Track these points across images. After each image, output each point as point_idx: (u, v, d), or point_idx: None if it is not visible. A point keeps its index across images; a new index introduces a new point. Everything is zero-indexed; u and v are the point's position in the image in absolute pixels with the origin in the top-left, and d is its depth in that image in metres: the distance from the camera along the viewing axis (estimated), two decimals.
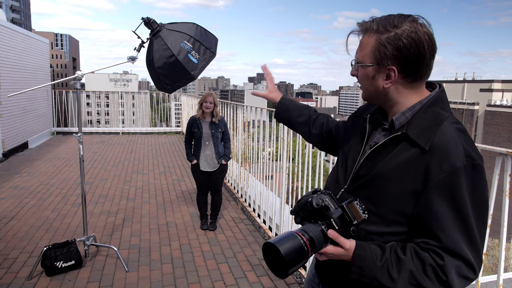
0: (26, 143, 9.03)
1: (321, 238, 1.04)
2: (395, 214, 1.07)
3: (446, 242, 0.99)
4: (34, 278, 3.16)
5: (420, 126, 1.06)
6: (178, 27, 2.73)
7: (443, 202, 0.99)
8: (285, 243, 0.99)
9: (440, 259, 0.99)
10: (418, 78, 1.09)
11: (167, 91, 2.83)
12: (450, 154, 0.99)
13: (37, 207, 4.95)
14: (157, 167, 7.45)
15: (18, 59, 8.67)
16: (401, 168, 1.05)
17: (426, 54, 1.04)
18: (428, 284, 1.00)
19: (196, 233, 4.27)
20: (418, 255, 1.01)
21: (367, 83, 1.13)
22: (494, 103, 48.11)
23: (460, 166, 0.98)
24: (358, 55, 1.13)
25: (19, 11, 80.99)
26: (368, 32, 1.09)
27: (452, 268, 0.98)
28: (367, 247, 1.06)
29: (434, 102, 1.09)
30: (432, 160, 1.01)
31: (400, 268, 1.02)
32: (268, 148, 4.64)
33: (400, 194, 1.05)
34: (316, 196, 1.10)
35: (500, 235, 1.73)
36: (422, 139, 1.04)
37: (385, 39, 1.05)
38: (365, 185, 1.13)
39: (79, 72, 3.11)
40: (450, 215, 0.99)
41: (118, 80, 76.19)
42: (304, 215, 1.12)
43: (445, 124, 1.05)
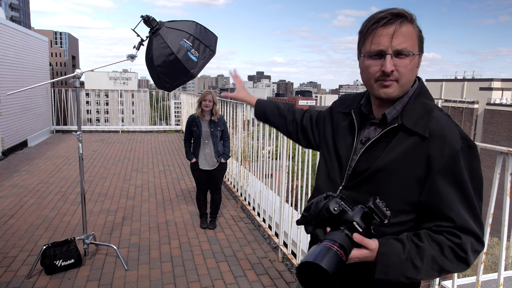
0: (26, 142, 9.01)
1: (349, 243, 0.99)
2: (401, 204, 1.09)
3: (459, 221, 1.03)
4: (33, 277, 3.16)
5: (414, 116, 1.10)
6: (178, 25, 2.72)
7: (449, 185, 1.04)
8: (324, 258, 0.92)
9: (457, 238, 1.03)
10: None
11: (166, 90, 2.82)
12: (448, 138, 1.05)
13: (36, 205, 4.95)
14: (156, 166, 7.45)
15: (17, 57, 8.65)
16: (402, 158, 1.08)
17: None
18: (448, 265, 1.04)
19: (196, 231, 4.27)
20: (434, 239, 1.04)
21: (412, 74, 1.12)
22: (494, 102, 48.14)
23: (459, 149, 1.04)
24: (407, 45, 1.07)
25: (18, 9, 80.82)
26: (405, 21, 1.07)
27: (468, 244, 1.03)
28: (388, 243, 1.05)
29: (419, 93, 1.15)
30: (432, 146, 1.05)
31: (423, 256, 1.03)
32: (268, 146, 4.64)
33: (404, 183, 1.08)
34: (330, 201, 1.03)
35: (500, 234, 1.73)
36: (419, 128, 1.07)
37: (418, 28, 1.10)
38: (366, 181, 1.13)
39: (79, 70, 3.10)
40: (456, 196, 1.04)
41: (117, 78, 76.10)
42: (318, 223, 1.05)
43: (435, 111, 1.10)
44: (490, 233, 1.82)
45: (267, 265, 3.51)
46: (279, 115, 1.60)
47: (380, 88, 1.11)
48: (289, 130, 1.58)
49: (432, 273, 1.05)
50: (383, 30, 1.07)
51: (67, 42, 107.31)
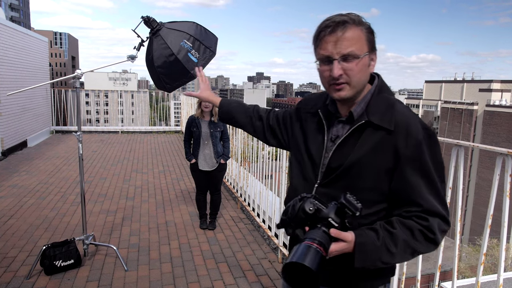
0: (25, 142, 9.01)
1: (327, 239, 1.07)
2: (375, 195, 1.19)
3: (426, 205, 1.13)
4: (33, 277, 3.16)
5: (378, 112, 1.18)
6: (178, 26, 2.72)
7: (416, 173, 1.14)
8: (307, 256, 0.99)
9: (425, 221, 1.13)
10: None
11: (166, 90, 2.82)
12: (412, 130, 1.14)
13: (36, 205, 4.94)
14: (156, 166, 7.45)
15: (17, 57, 8.65)
16: (372, 152, 1.16)
17: None
18: (419, 247, 1.14)
19: (195, 232, 4.26)
20: (404, 224, 1.14)
21: (364, 74, 1.18)
22: (493, 103, 48.17)
23: (421, 138, 1.13)
24: (353, 49, 1.13)
25: (18, 9, 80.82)
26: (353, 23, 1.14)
27: (435, 225, 1.13)
28: (363, 233, 1.14)
29: (380, 90, 1.23)
30: (398, 138, 1.14)
31: (396, 241, 1.12)
32: (268, 147, 4.64)
33: (376, 175, 1.16)
34: (305, 202, 1.10)
35: (500, 235, 1.73)
36: (385, 122, 1.16)
37: (366, 28, 1.16)
38: (340, 177, 1.21)
39: (79, 71, 3.10)
40: (422, 182, 1.14)
41: (117, 79, 76.11)
42: (297, 224, 1.12)
43: (397, 105, 1.19)
44: (489, 234, 1.83)
45: (267, 266, 3.51)
46: (245, 115, 1.61)
47: (334, 91, 1.19)
48: (255, 130, 1.60)
49: (406, 256, 1.15)
50: (329, 37, 1.14)
51: (67, 43, 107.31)
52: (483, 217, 33.84)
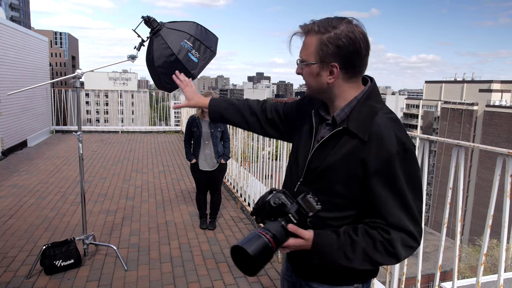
0: (25, 142, 9.01)
1: (283, 233, 1.14)
2: (346, 200, 1.21)
3: (390, 219, 1.14)
4: (33, 277, 3.16)
5: (358, 119, 1.18)
6: (179, 26, 2.72)
7: (383, 186, 1.14)
8: (252, 244, 1.07)
9: (387, 234, 1.13)
10: (356, 73, 1.21)
11: (167, 90, 2.81)
12: (385, 142, 1.13)
13: (36, 205, 4.94)
14: (156, 166, 7.45)
15: (18, 57, 8.65)
16: (345, 158, 1.18)
17: (362, 51, 1.17)
18: (379, 257, 1.15)
19: (196, 232, 4.26)
20: (368, 234, 1.15)
21: (312, 80, 1.24)
22: (493, 104, 48.17)
23: (394, 152, 1.12)
24: (303, 54, 1.23)
25: (19, 9, 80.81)
26: (310, 33, 1.19)
27: (398, 240, 1.13)
28: (323, 234, 1.19)
29: (368, 96, 1.22)
30: (369, 149, 1.14)
31: (355, 248, 1.15)
32: (268, 147, 4.64)
33: (347, 182, 1.18)
34: (272, 196, 1.19)
35: (500, 236, 1.73)
36: (361, 131, 1.16)
37: (327, 38, 1.16)
38: (317, 177, 1.24)
39: (79, 71, 3.10)
40: (390, 196, 1.13)
41: (117, 78, 76.10)
42: (264, 215, 1.21)
43: (379, 115, 1.18)
44: (489, 235, 1.83)
45: (267, 266, 3.51)
46: (236, 113, 1.58)
47: None
48: (250, 126, 1.58)
49: (364, 264, 1.17)
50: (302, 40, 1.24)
51: (67, 42, 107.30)
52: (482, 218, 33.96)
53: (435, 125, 57.80)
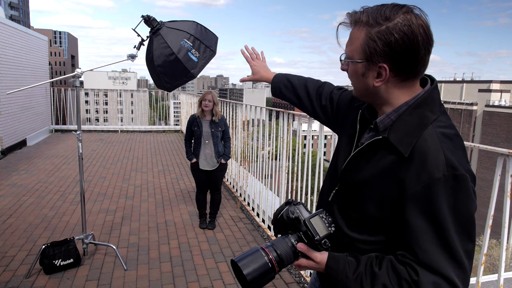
0: (25, 141, 9.00)
1: (290, 254, 1.03)
2: (377, 222, 1.02)
3: (422, 257, 0.92)
4: (32, 276, 3.15)
5: (402, 130, 0.98)
6: (178, 25, 2.72)
7: (420, 215, 0.92)
8: (250, 264, 0.98)
9: (415, 274, 0.92)
10: (411, 76, 1.00)
11: (166, 90, 2.82)
12: (428, 163, 0.92)
13: (35, 205, 4.94)
14: (156, 166, 7.44)
15: (17, 56, 8.64)
16: (380, 174, 1.00)
17: (420, 50, 0.95)
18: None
19: (195, 232, 4.26)
20: (394, 269, 0.95)
21: (356, 80, 1.05)
22: (493, 104, 48.20)
23: (439, 177, 0.90)
24: (348, 50, 1.04)
25: (18, 8, 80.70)
26: (358, 24, 1.00)
27: (429, 285, 0.90)
28: (340, 259, 1.03)
29: (421, 103, 1.00)
30: (410, 168, 0.94)
31: (374, 282, 0.96)
32: (268, 147, 4.64)
33: (380, 202, 0.99)
34: (287, 208, 1.08)
35: (501, 236, 1.73)
36: (402, 145, 0.96)
37: (376, 33, 0.96)
38: (350, 190, 1.09)
39: (79, 70, 3.10)
40: (427, 230, 0.91)
41: (117, 78, 76.04)
42: (280, 228, 1.10)
43: (429, 128, 0.96)
44: (489, 235, 1.83)
45: None
46: (293, 92, 1.50)
47: None
48: (303, 107, 1.49)
49: None
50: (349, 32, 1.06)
51: (67, 42, 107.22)
52: (482, 217, 33.96)
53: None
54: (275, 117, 4.14)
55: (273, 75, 1.55)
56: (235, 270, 1.02)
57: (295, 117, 3.61)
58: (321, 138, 3.00)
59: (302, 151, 3.40)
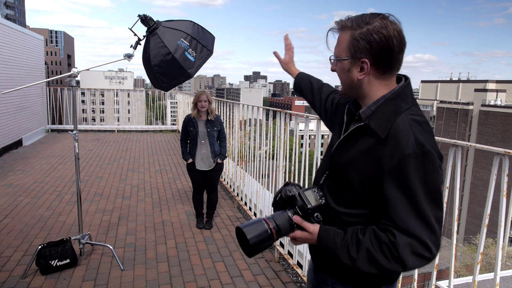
0: (20, 141, 8.95)
1: (287, 225, 1.20)
2: (360, 197, 1.19)
3: (398, 223, 1.09)
4: (28, 277, 3.14)
5: (380, 117, 1.17)
6: (175, 24, 2.71)
7: (395, 187, 1.10)
8: (252, 228, 1.15)
9: (393, 237, 1.09)
10: (388, 70, 1.18)
11: (163, 89, 2.81)
12: (401, 143, 1.10)
13: (31, 205, 4.92)
14: (152, 165, 7.43)
15: (12, 55, 8.59)
16: (362, 155, 1.18)
17: (395, 48, 1.14)
18: (383, 260, 1.11)
19: (192, 231, 4.26)
20: (376, 235, 1.12)
21: (344, 76, 1.24)
22: (489, 103, 48.41)
23: (410, 153, 1.08)
24: (336, 51, 1.25)
25: (13, 7, 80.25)
26: (344, 29, 1.20)
27: (405, 245, 1.08)
28: (330, 230, 1.20)
29: (396, 96, 1.19)
30: (386, 148, 1.12)
31: (359, 248, 1.14)
32: (265, 146, 4.63)
33: (362, 179, 1.17)
34: (285, 188, 1.26)
35: (496, 235, 1.74)
36: (380, 129, 1.14)
37: (358, 34, 1.16)
38: (338, 172, 1.26)
39: (75, 69, 3.08)
40: (402, 199, 1.09)
41: (113, 77, 75.80)
42: (280, 206, 1.27)
43: (402, 115, 1.15)
44: (485, 234, 1.84)
45: (264, 265, 3.51)
46: (310, 92, 1.69)
47: None
48: (314, 106, 1.68)
49: (368, 266, 1.13)
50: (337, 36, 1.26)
51: (63, 41, 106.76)
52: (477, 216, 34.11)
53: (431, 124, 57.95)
54: (272, 116, 4.14)
55: (298, 72, 1.77)
56: (239, 237, 1.19)
57: (292, 117, 3.61)
58: (318, 138, 3.00)
59: (299, 150, 3.41)
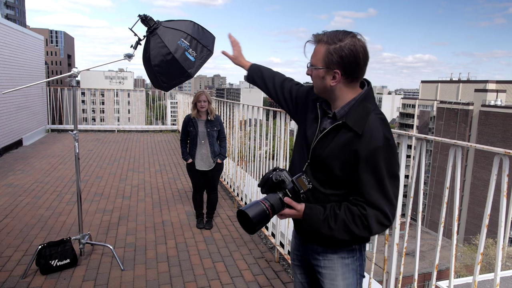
0: (21, 141, 8.96)
1: (279, 204, 1.44)
2: (340, 180, 1.46)
3: (368, 198, 1.39)
4: (28, 277, 3.14)
5: (355, 117, 1.43)
6: (175, 24, 2.71)
7: (367, 171, 1.39)
8: (253, 209, 1.39)
9: (364, 210, 1.39)
10: (354, 79, 1.46)
11: (164, 89, 2.80)
12: (373, 137, 1.38)
13: (31, 205, 4.92)
14: (152, 165, 7.43)
15: (13, 55, 8.59)
16: (342, 147, 1.43)
17: (361, 62, 1.41)
18: (355, 229, 1.41)
19: (192, 231, 4.26)
20: (349, 209, 1.42)
21: (318, 82, 1.49)
22: (489, 103, 48.43)
23: (380, 145, 1.37)
24: (313, 60, 1.48)
25: (14, 7, 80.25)
26: (320, 42, 1.44)
27: (372, 216, 1.39)
28: (313, 207, 1.46)
29: (364, 98, 1.47)
30: (361, 141, 1.39)
31: (336, 220, 1.42)
32: (265, 146, 4.63)
33: (341, 166, 1.44)
34: (275, 173, 1.48)
35: (497, 235, 1.74)
36: (357, 126, 1.41)
37: (332, 49, 1.40)
38: (320, 162, 1.50)
39: (75, 69, 3.08)
40: (371, 180, 1.39)
41: (113, 77, 75.84)
42: (267, 188, 1.49)
43: (371, 115, 1.43)
44: (486, 234, 1.83)
45: (264, 265, 3.51)
46: (263, 81, 1.90)
47: None
48: (270, 94, 1.89)
49: (343, 234, 1.43)
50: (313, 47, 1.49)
51: (63, 41, 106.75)
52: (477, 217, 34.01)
53: (431, 125, 58.01)
54: (272, 116, 4.14)
55: (250, 64, 1.96)
56: (240, 218, 1.43)
57: None
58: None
59: None
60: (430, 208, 50.80)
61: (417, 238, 2.22)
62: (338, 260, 1.57)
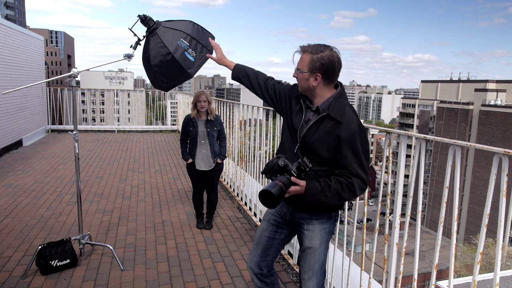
0: (21, 141, 8.96)
1: (288, 182, 1.83)
2: (328, 160, 1.91)
3: (351, 170, 1.86)
4: (28, 277, 3.14)
5: (335, 110, 1.89)
6: (175, 24, 2.71)
7: (348, 150, 1.85)
8: (274, 188, 1.76)
9: (349, 179, 1.86)
10: (331, 81, 1.94)
11: (163, 89, 2.80)
12: (351, 124, 1.85)
13: (31, 205, 4.92)
14: (152, 166, 7.43)
15: (13, 56, 8.59)
16: (327, 134, 1.88)
17: (336, 68, 1.90)
18: (345, 194, 1.87)
19: (192, 231, 4.26)
20: (338, 180, 1.87)
21: (303, 82, 1.95)
22: (489, 103, 48.43)
23: (356, 129, 1.85)
24: (299, 65, 1.94)
25: (14, 7, 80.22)
26: (306, 52, 1.91)
27: (356, 183, 1.86)
28: (311, 182, 1.88)
29: (339, 96, 1.94)
30: (342, 128, 1.85)
31: (330, 189, 1.86)
32: (265, 146, 4.63)
33: (327, 148, 1.89)
34: (280, 159, 1.88)
35: (496, 235, 1.74)
36: (338, 117, 1.86)
37: (316, 57, 1.87)
38: (310, 147, 1.94)
39: (75, 70, 3.08)
40: (352, 156, 1.85)
41: (113, 78, 75.82)
42: (272, 173, 1.89)
43: (347, 108, 1.90)
44: (485, 234, 1.83)
45: None
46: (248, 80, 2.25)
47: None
48: (256, 92, 2.26)
49: (336, 200, 1.88)
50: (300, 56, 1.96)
51: (63, 41, 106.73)
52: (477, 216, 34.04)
53: (431, 124, 58.02)
54: (272, 116, 4.14)
55: (234, 64, 2.32)
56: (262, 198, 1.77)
57: None
58: None
59: None
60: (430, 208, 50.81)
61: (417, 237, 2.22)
62: (318, 225, 2.05)
